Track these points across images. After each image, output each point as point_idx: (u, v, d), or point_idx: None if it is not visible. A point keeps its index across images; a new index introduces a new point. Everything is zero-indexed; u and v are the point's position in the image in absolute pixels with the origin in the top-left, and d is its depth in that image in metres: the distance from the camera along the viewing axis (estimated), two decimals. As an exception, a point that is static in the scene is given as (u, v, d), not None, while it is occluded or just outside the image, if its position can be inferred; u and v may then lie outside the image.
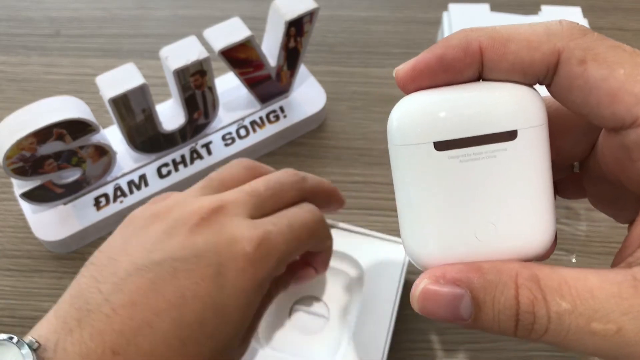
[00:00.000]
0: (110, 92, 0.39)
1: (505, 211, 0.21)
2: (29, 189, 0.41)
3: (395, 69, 0.22)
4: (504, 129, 0.20)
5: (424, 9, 0.59)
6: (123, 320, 0.25)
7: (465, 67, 0.21)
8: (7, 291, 0.42)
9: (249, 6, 0.59)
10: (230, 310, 0.27)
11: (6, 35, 0.57)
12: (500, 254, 0.21)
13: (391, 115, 0.22)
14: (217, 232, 0.28)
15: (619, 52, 0.20)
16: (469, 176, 0.21)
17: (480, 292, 0.19)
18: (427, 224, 0.21)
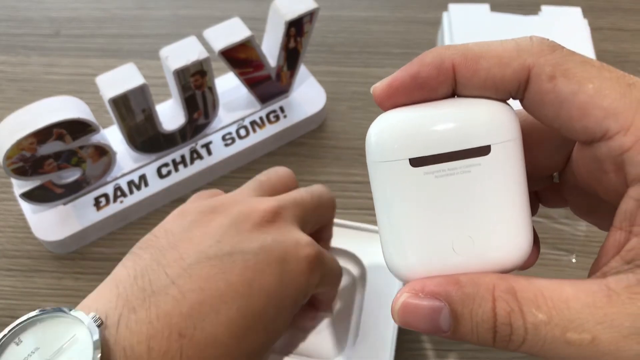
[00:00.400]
0: (110, 92, 0.39)
1: (482, 224, 0.21)
2: (29, 189, 0.41)
3: (373, 87, 0.23)
4: (477, 144, 0.21)
5: (424, 9, 0.59)
6: (191, 304, 0.26)
7: (439, 85, 0.22)
8: (7, 291, 0.42)
9: (249, 6, 0.59)
10: (285, 307, 0.29)
11: (6, 35, 0.57)
12: (478, 266, 0.21)
13: (368, 132, 0.22)
14: (282, 232, 0.30)
15: (587, 67, 0.20)
16: (444, 191, 0.21)
17: (458, 304, 0.20)
18: (405, 238, 0.22)
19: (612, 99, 0.19)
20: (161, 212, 0.46)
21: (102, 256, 0.44)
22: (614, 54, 0.56)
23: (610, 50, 0.56)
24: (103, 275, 0.43)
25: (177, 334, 0.25)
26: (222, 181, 0.48)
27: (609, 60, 0.55)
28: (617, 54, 0.56)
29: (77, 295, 0.42)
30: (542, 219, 0.46)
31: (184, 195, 0.47)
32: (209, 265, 0.27)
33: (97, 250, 0.44)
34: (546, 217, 0.46)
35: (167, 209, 0.47)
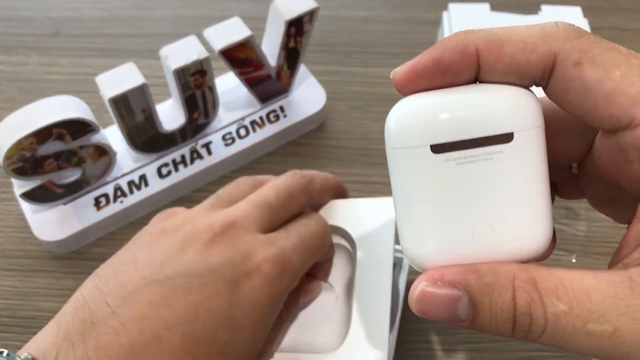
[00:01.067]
0: (110, 91, 0.39)
1: (502, 213, 0.21)
2: (29, 189, 0.41)
3: (393, 72, 0.22)
4: (500, 131, 0.21)
5: (424, 9, 0.59)
6: (132, 335, 0.24)
7: (462, 70, 0.21)
8: (7, 291, 0.42)
9: (249, 6, 0.59)
10: (243, 327, 0.27)
11: (6, 35, 0.57)
12: (497, 256, 0.21)
13: (388, 118, 0.22)
14: (231, 247, 0.28)
15: (614, 53, 0.20)
16: (465, 178, 0.21)
17: (477, 294, 0.20)
18: (424, 227, 0.21)
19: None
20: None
21: (102, 256, 0.44)
22: (614, 53, 0.56)
23: (611, 50, 0.56)
24: (103, 275, 0.44)
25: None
26: (222, 181, 0.48)
27: (609, 60, 0.55)
28: (617, 53, 0.56)
29: (77, 295, 0.42)
30: (542, 219, 0.46)
31: (184, 195, 0.47)
32: (151, 292, 0.26)
33: (97, 250, 0.44)
34: (546, 217, 0.46)
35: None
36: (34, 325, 0.41)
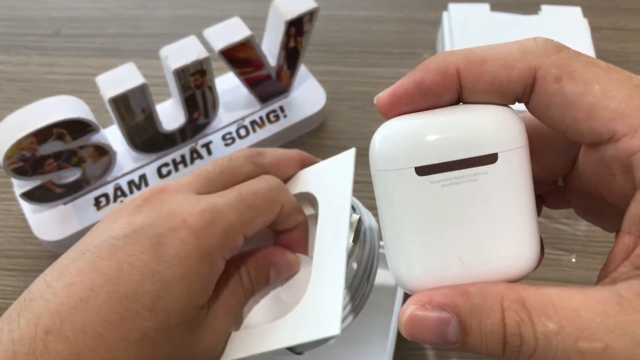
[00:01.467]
0: (111, 91, 0.39)
1: (489, 233, 0.21)
2: (29, 188, 0.41)
3: (376, 97, 0.22)
4: (484, 152, 0.21)
5: (424, 9, 0.59)
6: (60, 300, 0.25)
7: (443, 91, 0.21)
8: (8, 291, 0.42)
9: (249, 6, 0.59)
10: (171, 280, 0.27)
11: (6, 35, 0.57)
12: (485, 276, 0.21)
13: (372, 140, 0.22)
14: (157, 207, 0.29)
15: (593, 68, 0.20)
16: (451, 200, 0.21)
17: (466, 316, 0.20)
18: (411, 249, 0.21)
19: (620, 100, 0.19)
20: (161, 212, 0.46)
21: (102, 256, 0.44)
22: (614, 53, 0.56)
23: (611, 50, 0.56)
24: (103, 275, 0.44)
25: (43, 332, 0.24)
26: (222, 181, 0.48)
27: (609, 60, 0.55)
28: (617, 53, 0.56)
29: (77, 295, 0.42)
30: (542, 219, 0.46)
31: (184, 195, 0.47)
32: (82, 260, 0.27)
33: (97, 250, 0.44)
34: (546, 217, 0.46)
35: (167, 209, 0.47)
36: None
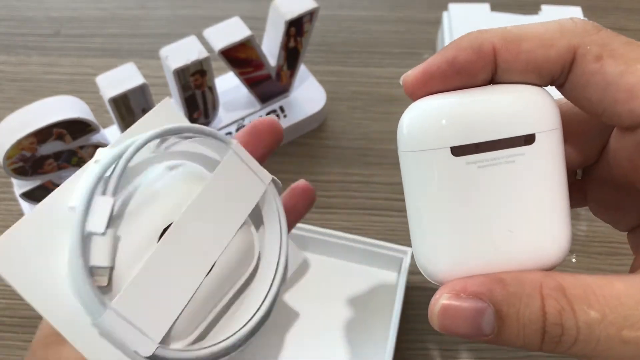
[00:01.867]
0: (110, 91, 0.39)
1: (524, 218, 0.20)
2: (29, 188, 0.41)
3: (403, 75, 0.22)
4: (522, 132, 0.20)
5: (424, 9, 0.59)
6: None
7: (478, 70, 0.21)
8: (8, 291, 0.42)
9: (249, 6, 0.59)
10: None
11: (6, 35, 0.57)
12: (519, 264, 0.20)
13: (402, 120, 0.21)
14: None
15: (634, 47, 0.19)
16: (486, 182, 0.20)
17: (503, 305, 0.19)
18: (442, 235, 0.20)
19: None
20: (161, 212, 0.46)
21: (102, 256, 0.44)
22: (614, 53, 0.56)
23: (611, 50, 0.56)
24: (103, 275, 0.44)
25: None
26: (222, 181, 0.48)
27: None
28: (617, 53, 0.56)
29: (77, 295, 0.42)
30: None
31: (184, 195, 0.47)
32: None
33: (97, 250, 0.44)
34: (546, 217, 0.46)
35: (167, 209, 0.47)
36: (34, 324, 0.41)
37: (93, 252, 0.22)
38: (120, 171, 0.23)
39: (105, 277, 0.22)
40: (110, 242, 0.22)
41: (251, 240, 0.27)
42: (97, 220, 0.22)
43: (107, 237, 0.22)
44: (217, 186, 0.25)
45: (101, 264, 0.22)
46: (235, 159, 0.27)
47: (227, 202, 0.26)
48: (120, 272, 0.23)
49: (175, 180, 0.26)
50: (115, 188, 0.23)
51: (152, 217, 0.24)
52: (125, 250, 0.23)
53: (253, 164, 0.27)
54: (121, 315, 0.22)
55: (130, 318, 0.22)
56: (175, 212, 0.25)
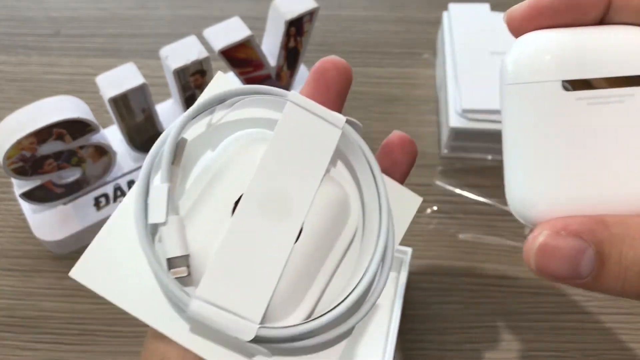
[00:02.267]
0: (110, 91, 0.39)
1: (630, 160, 0.19)
2: (29, 188, 0.41)
3: (508, 10, 0.21)
4: (636, 72, 0.19)
5: (424, 8, 0.59)
6: None
7: (592, 7, 0.20)
8: (8, 291, 0.42)
9: (249, 6, 0.59)
10: None
11: (6, 35, 0.57)
12: (621, 208, 0.19)
13: (512, 51, 0.20)
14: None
15: None
16: (594, 121, 0.19)
17: (606, 245, 0.18)
18: (543, 171, 0.19)
19: None
20: (161, 212, 0.46)
21: (102, 256, 0.44)
22: (614, 53, 0.56)
23: (610, 50, 0.56)
24: (103, 275, 0.44)
25: None
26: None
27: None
28: (617, 53, 0.56)
29: (77, 295, 0.42)
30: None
31: (184, 195, 0.47)
32: None
33: (97, 250, 0.44)
34: (546, 217, 0.46)
35: (167, 209, 0.47)
36: (34, 325, 0.41)
37: (164, 245, 0.21)
38: (168, 154, 0.21)
39: (184, 266, 0.21)
40: (177, 229, 0.21)
41: (340, 191, 0.24)
42: (156, 210, 0.21)
43: (172, 224, 0.21)
44: (283, 143, 0.23)
45: (175, 254, 0.21)
46: (296, 109, 0.23)
47: (299, 157, 0.23)
48: (199, 257, 0.21)
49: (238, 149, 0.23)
50: (167, 173, 0.21)
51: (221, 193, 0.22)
52: (200, 233, 0.21)
53: (319, 109, 0.24)
54: (210, 301, 0.20)
55: (220, 303, 0.20)
56: (244, 181, 0.22)
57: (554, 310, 0.42)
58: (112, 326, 0.41)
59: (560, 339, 0.41)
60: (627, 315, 0.42)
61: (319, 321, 0.21)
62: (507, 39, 0.22)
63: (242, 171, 0.22)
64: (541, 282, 0.43)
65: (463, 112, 0.47)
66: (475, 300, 0.43)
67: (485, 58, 0.49)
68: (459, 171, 0.49)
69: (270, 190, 0.22)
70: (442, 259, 0.44)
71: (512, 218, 0.50)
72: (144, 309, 0.21)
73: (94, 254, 0.22)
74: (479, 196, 0.47)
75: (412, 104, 0.52)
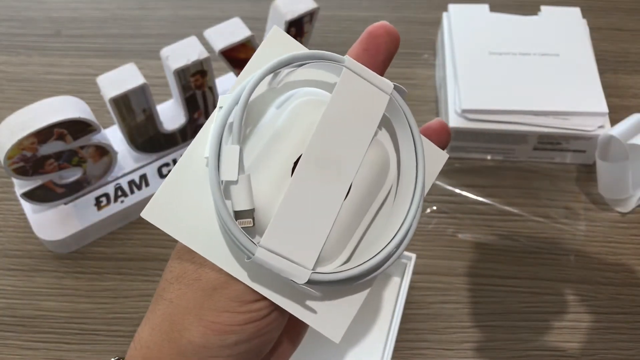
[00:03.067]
0: (111, 92, 0.39)
1: None
2: (30, 188, 0.41)
3: None
4: None
5: (424, 9, 0.59)
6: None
7: None
8: (9, 291, 0.43)
9: (249, 6, 0.59)
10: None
11: (7, 36, 0.57)
12: None
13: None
14: None
15: None
16: None
17: None
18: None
19: None
20: (162, 212, 0.46)
21: (102, 256, 0.44)
22: (613, 53, 0.56)
23: (610, 50, 0.56)
24: (103, 275, 0.44)
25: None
26: (223, 181, 0.48)
27: (608, 60, 0.55)
28: (616, 53, 0.56)
29: (77, 294, 0.42)
30: (543, 219, 0.46)
31: (185, 195, 0.47)
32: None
33: (97, 250, 0.44)
34: (546, 217, 0.46)
35: (168, 209, 0.47)
36: (35, 324, 0.41)
37: (233, 199, 0.23)
38: (240, 116, 0.23)
39: (249, 218, 0.23)
40: (246, 186, 0.23)
41: (384, 153, 0.26)
42: (229, 169, 0.23)
43: (242, 182, 0.23)
44: (338, 107, 0.25)
45: (243, 208, 0.23)
46: (351, 75, 0.26)
47: (352, 120, 0.25)
48: (262, 210, 0.24)
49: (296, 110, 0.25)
50: (238, 134, 0.23)
51: (282, 152, 0.24)
52: (264, 188, 0.24)
53: (370, 76, 0.26)
54: (272, 250, 0.23)
55: (280, 251, 0.23)
56: (302, 142, 0.24)
57: (553, 310, 0.42)
58: (112, 326, 0.41)
59: (559, 338, 0.41)
60: (626, 315, 0.42)
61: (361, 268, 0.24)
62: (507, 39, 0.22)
63: (301, 133, 0.24)
64: (541, 282, 0.43)
65: (462, 112, 0.47)
66: (475, 300, 0.43)
67: (485, 58, 0.49)
68: (459, 171, 0.49)
69: (326, 152, 0.24)
70: (441, 259, 0.44)
71: (511, 218, 0.50)
72: (207, 249, 0.24)
73: (163, 196, 0.24)
74: (478, 196, 0.47)
75: (412, 104, 0.53)
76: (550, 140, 0.48)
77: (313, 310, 0.25)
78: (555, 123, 0.47)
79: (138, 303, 0.42)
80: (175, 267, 0.25)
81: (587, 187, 0.48)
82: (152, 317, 0.25)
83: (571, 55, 0.49)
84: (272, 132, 0.25)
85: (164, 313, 0.24)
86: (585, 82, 0.48)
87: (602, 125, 0.47)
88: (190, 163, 0.24)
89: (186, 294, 0.24)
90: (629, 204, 0.46)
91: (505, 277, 0.44)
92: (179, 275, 0.25)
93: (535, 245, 0.45)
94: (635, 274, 0.44)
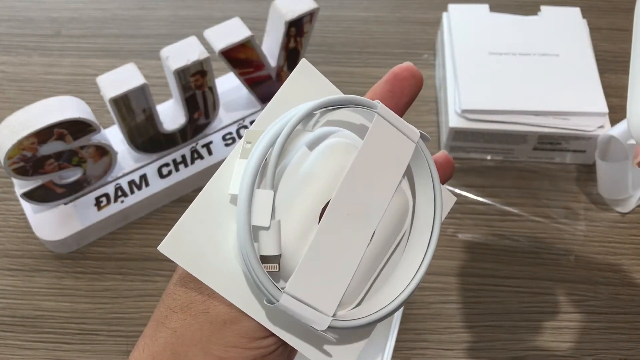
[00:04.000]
0: (111, 92, 0.39)
1: None
2: (30, 188, 0.41)
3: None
4: None
5: (424, 9, 0.59)
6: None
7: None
8: (8, 291, 0.43)
9: (249, 6, 0.59)
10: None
11: (7, 36, 0.57)
12: None
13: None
14: None
15: None
16: None
17: None
18: None
19: None
20: (161, 212, 0.46)
21: (102, 256, 0.44)
22: (613, 53, 0.56)
23: (609, 50, 0.56)
24: (103, 275, 0.44)
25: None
26: (223, 181, 0.48)
27: (608, 60, 0.55)
28: (616, 53, 0.56)
29: (77, 294, 0.42)
30: (542, 219, 0.46)
31: (185, 195, 0.47)
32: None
33: (97, 250, 0.44)
34: (546, 217, 0.46)
35: (168, 209, 0.47)
36: (35, 324, 0.41)
37: (262, 244, 0.23)
38: (276, 161, 0.23)
39: (275, 263, 0.23)
40: (276, 232, 0.23)
41: (406, 201, 0.27)
42: (261, 214, 0.22)
43: (273, 228, 0.23)
44: (368, 154, 0.25)
45: (271, 254, 0.23)
46: (382, 122, 0.25)
47: (380, 168, 0.25)
48: (289, 256, 0.23)
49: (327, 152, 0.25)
50: (272, 179, 0.23)
51: (311, 198, 0.24)
52: (291, 235, 0.23)
53: (400, 123, 0.26)
54: (295, 297, 0.23)
55: (303, 298, 0.23)
56: (331, 187, 0.24)
57: (553, 310, 0.42)
58: (112, 326, 0.41)
59: (559, 338, 0.41)
60: (626, 315, 0.42)
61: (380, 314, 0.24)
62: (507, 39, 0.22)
63: (331, 177, 0.24)
64: (540, 282, 0.43)
65: (462, 112, 0.47)
66: (475, 300, 0.43)
67: (485, 58, 0.49)
68: (459, 171, 0.49)
69: (353, 199, 0.24)
70: (441, 259, 0.44)
71: (511, 218, 0.50)
72: (223, 286, 0.23)
73: (182, 231, 0.23)
74: (478, 196, 0.48)
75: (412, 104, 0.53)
76: (550, 141, 0.48)
77: (328, 354, 0.25)
78: (555, 123, 0.47)
79: (138, 303, 0.42)
80: (179, 295, 0.24)
81: (587, 187, 0.48)
82: (152, 344, 0.24)
83: (571, 56, 0.49)
84: (302, 173, 0.24)
85: (166, 342, 0.24)
86: (585, 82, 0.48)
87: (602, 126, 0.47)
88: (211, 197, 0.24)
89: (192, 325, 0.24)
90: (629, 204, 0.46)
91: (505, 277, 0.44)
92: (184, 305, 0.24)
93: (535, 245, 0.45)
94: (634, 274, 0.44)
